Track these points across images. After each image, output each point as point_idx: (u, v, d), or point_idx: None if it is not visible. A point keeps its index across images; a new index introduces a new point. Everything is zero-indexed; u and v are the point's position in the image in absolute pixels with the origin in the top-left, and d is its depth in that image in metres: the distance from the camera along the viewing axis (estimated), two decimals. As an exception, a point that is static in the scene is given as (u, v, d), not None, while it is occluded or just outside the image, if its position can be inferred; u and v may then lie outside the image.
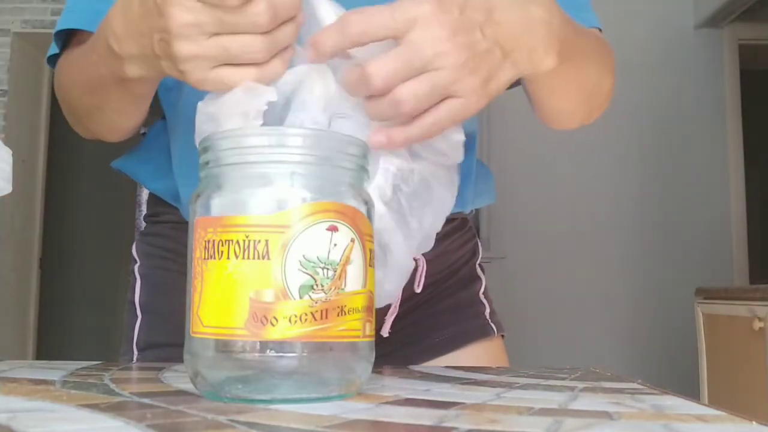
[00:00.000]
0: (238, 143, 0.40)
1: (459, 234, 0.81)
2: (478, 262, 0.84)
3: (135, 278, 0.79)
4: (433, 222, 0.53)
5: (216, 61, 0.47)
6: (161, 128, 0.78)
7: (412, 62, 0.46)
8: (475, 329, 0.79)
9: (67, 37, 0.71)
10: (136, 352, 0.76)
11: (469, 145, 0.78)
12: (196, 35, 0.46)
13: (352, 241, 0.39)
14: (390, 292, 0.52)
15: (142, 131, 0.81)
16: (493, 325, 0.80)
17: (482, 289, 0.83)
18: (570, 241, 3.37)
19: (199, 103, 0.50)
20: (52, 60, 0.72)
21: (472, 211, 0.84)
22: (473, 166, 0.78)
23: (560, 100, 0.67)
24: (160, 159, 0.76)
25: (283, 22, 0.48)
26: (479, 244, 0.86)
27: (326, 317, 0.38)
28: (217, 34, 0.47)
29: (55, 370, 0.50)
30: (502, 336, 0.82)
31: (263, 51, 0.47)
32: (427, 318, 0.78)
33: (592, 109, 0.70)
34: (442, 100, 0.48)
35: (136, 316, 0.77)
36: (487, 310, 0.81)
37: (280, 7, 0.47)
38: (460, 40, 0.46)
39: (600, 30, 0.74)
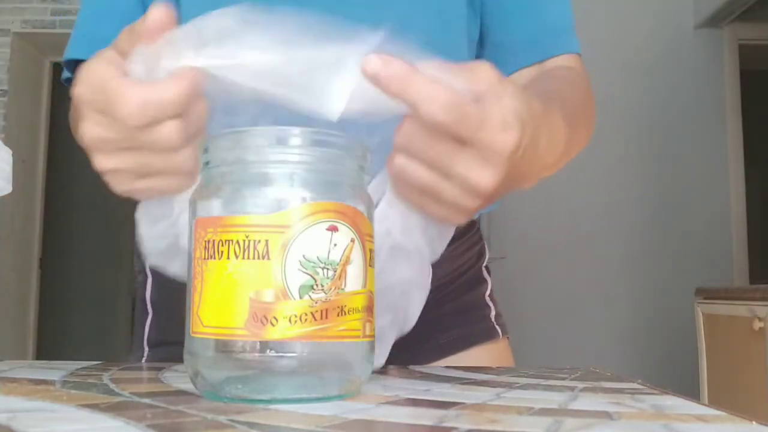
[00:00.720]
0: (238, 143, 0.40)
1: (466, 237, 0.81)
2: (484, 264, 0.84)
3: (146, 276, 0.79)
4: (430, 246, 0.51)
5: (137, 174, 0.46)
6: None
7: (468, 128, 0.41)
8: (480, 331, 0.78)
9: (77, 65, 0.70)
10: (147, 348, 0.76)
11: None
12: (109, 150, 0.45)
13: (352, 241, 0.39)
14: (420, 284, 0.51)
15: None
16: (498, 328, 0.80)
17: (488, 292, 0.82)
18: (570, 241, 3.37)
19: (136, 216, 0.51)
20: (70, 81, 0.72)
21: (479, 214, 0.84)
22: None
23: None
24: None
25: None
26: (486, 246, 0.86)
27: (326, 317, 0.38)
28: (131, 148, 0.44)
29: (55, 370, 0.50)
30: (507, 338, 0.82)
31: (183, 163, 0.45)
32: (433, 320, 0.78)
33: None
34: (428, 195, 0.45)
35: (147, 313, 0.78)
36: (493, 313, 0.81)
37: (191, 123, 0.44)
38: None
39: (579, 54, 0.74)
